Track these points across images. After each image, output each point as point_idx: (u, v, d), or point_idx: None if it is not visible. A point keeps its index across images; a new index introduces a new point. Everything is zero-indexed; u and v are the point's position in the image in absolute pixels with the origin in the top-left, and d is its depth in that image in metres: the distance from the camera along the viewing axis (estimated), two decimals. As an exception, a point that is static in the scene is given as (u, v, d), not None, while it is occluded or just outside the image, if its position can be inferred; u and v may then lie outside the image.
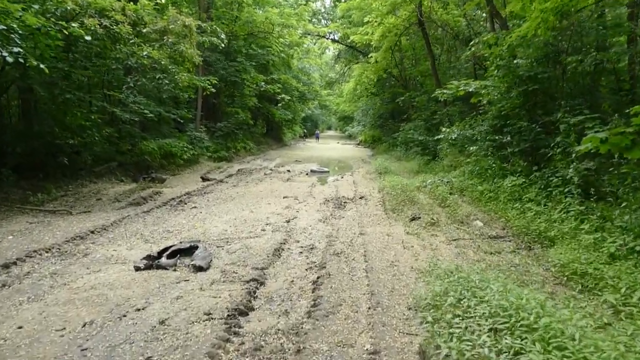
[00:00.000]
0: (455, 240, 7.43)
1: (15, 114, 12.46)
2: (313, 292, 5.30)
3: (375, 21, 19.44)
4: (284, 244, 7.49)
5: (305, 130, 59.03)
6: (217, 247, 7.20)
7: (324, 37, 30.50)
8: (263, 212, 10.18)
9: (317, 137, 54.21)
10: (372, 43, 20.35)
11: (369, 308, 4.79)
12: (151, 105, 14.66)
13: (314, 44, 28.82)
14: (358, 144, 43.99)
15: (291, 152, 32.64)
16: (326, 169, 20.31)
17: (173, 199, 11.70)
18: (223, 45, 16.10)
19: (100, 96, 12.94)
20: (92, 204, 10.59)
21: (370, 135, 40.56)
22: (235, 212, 10.09)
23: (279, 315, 4.72)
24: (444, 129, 12.48)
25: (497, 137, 10.47)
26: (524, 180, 8.92)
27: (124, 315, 4.64)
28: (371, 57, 20.45)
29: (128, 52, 10.64)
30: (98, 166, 13.64)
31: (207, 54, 23.43)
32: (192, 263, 6.02)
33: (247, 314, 4.75)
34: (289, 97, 28.55)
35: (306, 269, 6.23)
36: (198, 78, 16.67)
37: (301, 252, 7.10)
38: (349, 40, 26.63)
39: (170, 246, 6.59)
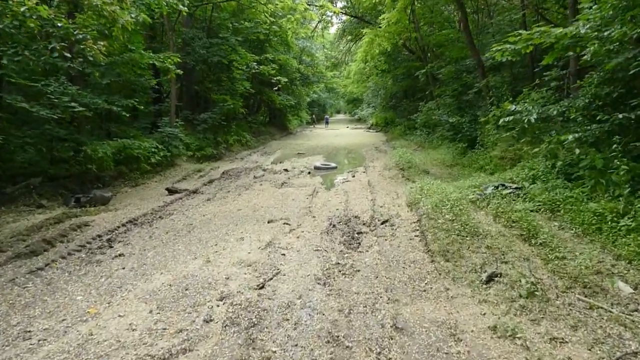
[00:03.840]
0: (618, 362, 3.32)
1: None
2: None
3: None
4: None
5: (313, 116, 54.50)
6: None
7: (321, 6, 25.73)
8: (226, 261, 6.16)
9: (327, 122, 50.04)
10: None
11: None
12: (86, 96, 10.53)
13: (314, 10, 24.11)
14: (369, 128, 40.13)
15: (295, 142, 28.51)
16: (333, 165, 16.20)
17: (99, 236, 7.73)
18: (185, 9, 11.81)
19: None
20: (-43, 260, 6.64)
21: (382, 118, 36.65)
22: (180, 265, 6.08)
23: None
24: (511, 106, 8.15)
25: (612, 116, 6.17)
26: (701, 197, 4.76)
27: None
28: (383, 19, 16.09)
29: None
30: (11, 185, 9.72)
31: (183, 30, 19.32)
32: None
33: None
34: (286, 79, 24.10)
35: None
36: (148, 55, 12.03)
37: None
38: (353, 2, 22.06)
39: None
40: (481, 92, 14.38)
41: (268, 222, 8.34)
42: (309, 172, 14.89)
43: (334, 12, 21.61)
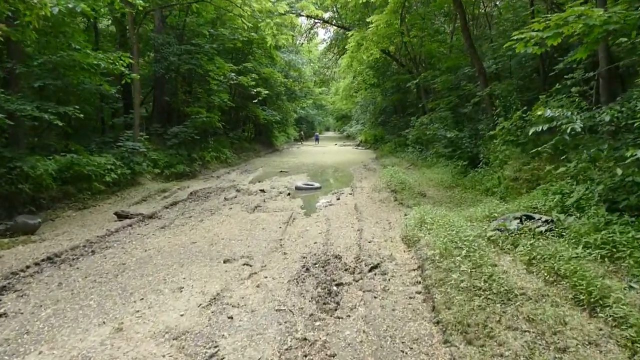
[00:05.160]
0: None
1: None
2: None
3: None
4: None
5: (301, 132, 52.73)
6: None
7: (300, 14, 23.86)
8: (146, 329, 4.25)
9: (317, 139, 48.47)
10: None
11: None
12: (14, 102, 8.58)
13: (301, 20, 22.48)
14: (358, 145, 38.74)
15: (280, 160, 26.69)
16: (317, 185, 14.37)
17: (-7, 282, 5.77)
18: (141, 1, 9.93)
19: None
20: None
21: (371, 135, 35.30)
22: (75, 337, 4.15)
23: None
24: (544, 111, 6.20)
25: None
26: None
27: None
28: (372, 22, 14.45)
29: None
30: None
31: (152, 36, 17.55)
32: None
33: None
34: (267, 92, 22.28)
35: None
36: (95, 54, 9.57)
37: None
38: (341, 13, 20.35)
39: None
40: (481, 103, 12.71)
41: (224, 262, 6.45)
42: (289, 194, 13.05)
43: (316, 17, 19.91)
